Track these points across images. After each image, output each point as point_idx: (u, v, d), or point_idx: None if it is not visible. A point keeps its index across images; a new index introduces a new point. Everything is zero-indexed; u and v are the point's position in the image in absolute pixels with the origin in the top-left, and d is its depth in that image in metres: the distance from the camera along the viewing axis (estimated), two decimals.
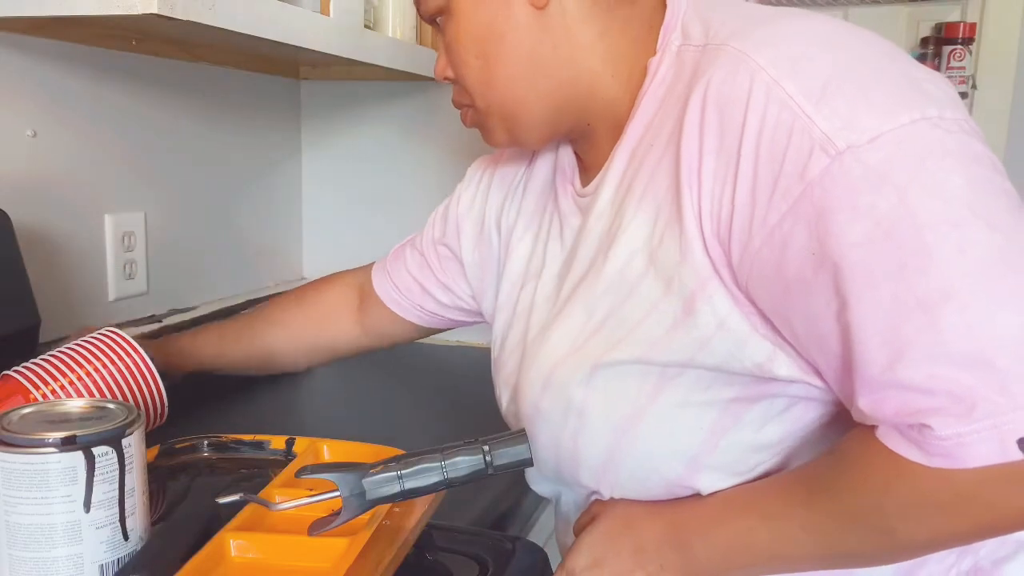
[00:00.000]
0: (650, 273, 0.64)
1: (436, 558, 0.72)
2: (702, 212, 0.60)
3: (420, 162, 1.58)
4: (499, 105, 0.71)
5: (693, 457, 0.66)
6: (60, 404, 0.64)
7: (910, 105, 0.55)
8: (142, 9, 0.83)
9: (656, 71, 0.67)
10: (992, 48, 1.44)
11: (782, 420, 0.64)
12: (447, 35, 0.71)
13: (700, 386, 0.64)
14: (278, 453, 0.84)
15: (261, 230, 1.55)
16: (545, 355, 0.71)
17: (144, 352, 0.85)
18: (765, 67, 0.56)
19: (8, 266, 0.92)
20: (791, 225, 0.55)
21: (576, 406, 0.68)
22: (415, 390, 1.35)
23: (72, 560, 0.57)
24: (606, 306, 0.67)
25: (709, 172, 0.59)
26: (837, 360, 0.57)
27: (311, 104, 1.62)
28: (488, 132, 0.75)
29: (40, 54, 1.06)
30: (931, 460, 0.53)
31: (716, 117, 0.58)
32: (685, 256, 0.61)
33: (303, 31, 1.07)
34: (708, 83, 0.59)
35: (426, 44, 1.46)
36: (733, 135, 0.57)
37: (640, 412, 0.66)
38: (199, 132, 1.36)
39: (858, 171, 0.53)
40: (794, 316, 0.58)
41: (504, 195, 0.87)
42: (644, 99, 0.67)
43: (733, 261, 0.59)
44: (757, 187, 0.56)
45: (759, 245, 0.57)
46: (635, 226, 0.65)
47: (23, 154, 1.05)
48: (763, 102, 0.56)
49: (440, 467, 0.65)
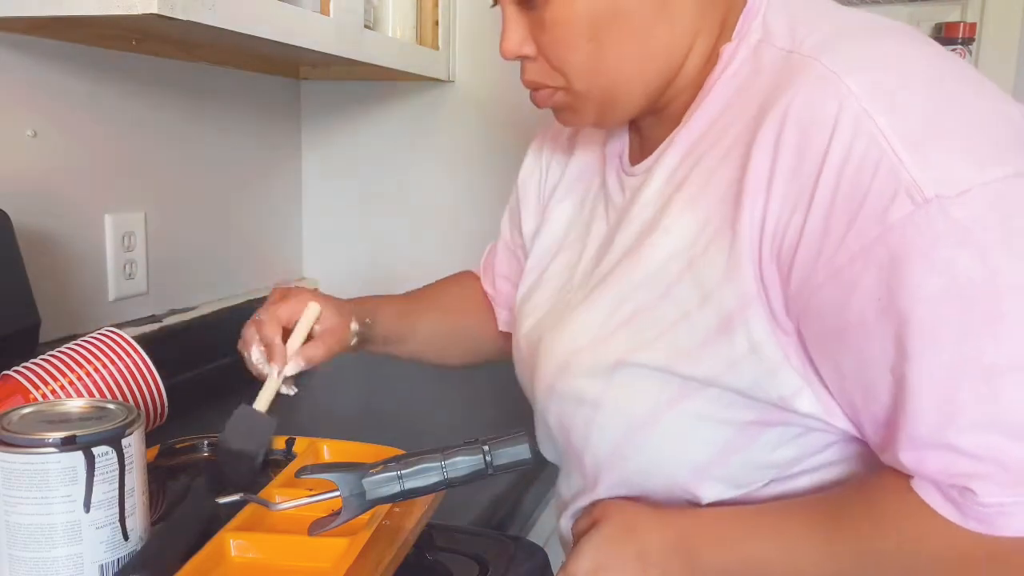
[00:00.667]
0: (686, 279, 0.62)
1: (436, 558, 0.72)
2: (764, 232, 0.57)
3: (420, 162, 1.58)
4: (602, 89, 0.66)
5: (701, 468, 0.65)
6: (60, 404, 0.64)
7: (1005, 158, 0.52)
8: (142, 9, 0.83)
9: (730, 62, 0.63)
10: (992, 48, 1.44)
11: (795, 444, 0.63)
12: (550, 12, 0.63)
13: (720, 404, 0.63)
14: (278, 453, 0.84)
15: (261, 230, 1.55)
16: (568, 338, 0.69)
17: (144, 352, 0.85)
18: (857, 95, 0.53)
19: (8, 266, 0.92)
20: (861, 267, 0.53)
21: (591, 397, 0.67)
22: (416, 390, 1.35)
23: (72, 560, 0.57)
24: (637, 302, 0.65)
25: (779, 193, 0.56)
26: (882, 410, 0.56)
27: (311, 104, 1.62)
28: (574, 113, 0.70)
29: (40, 54, 1.06)
30: (967, 522, 0.53)
31: (796, 137, 0.55)
32: (730, 273, 0.59)
33: (303, 31, 1.07)
34: (792, 99, 0.56)
35: (426, 44, 1.46)
36: (813, 160, 0.54)
37: (656, 417, 0.65)
38: (199, 132, 1.36)
39: (942, 223, 0.50)
40: (844, 357, 0.57)
41: (552, 157, 0.84)
42: (713, 90, 0.64)
43: (790, 289, 0.57)
44: (831, 220, 0.53)
45: (822, 280, 0.55)
46: (680, 226, 0.63)
47: (23, 154, 1.05)
48: (851, 132, 0.53)
49: (440, 467, 0.65)
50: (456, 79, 1.52)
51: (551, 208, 0.81)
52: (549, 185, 0.83)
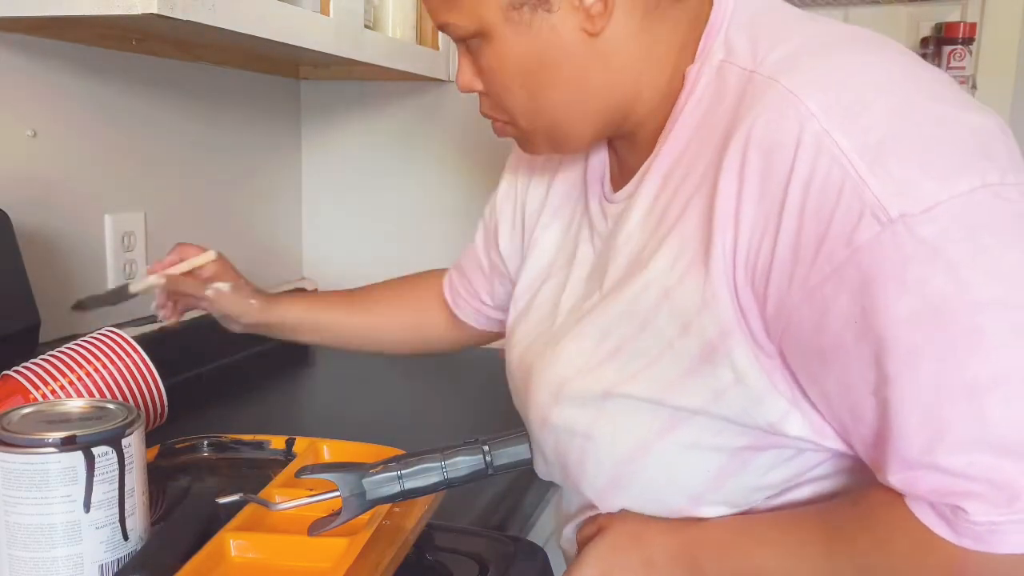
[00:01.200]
0: (664, 310, 0.62)
1: (436, 558, 0.72)
2: (736, 259, 0.57)
3: (420, 162, 1.58)
4: (546, 127, 0.67)
5: (697, 494, 0.65)
6: (60, 404, 0.64)
7: (969, 170, 0.51)
8: (142, 9, 0.83)
9: (694, 85, 0.63)
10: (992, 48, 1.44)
11: (789, 466, 0.63)
12: (483, 59, 0.65)
13: (711, 431, 0.62)
14: (278, 453, 0.84)
15: (261, 230, 1.55)
16: (557, 367, 0.69)
17: (144, 352, 0.85)
18: (816, 114, 0.53)
19: (8, 266, 0.92)
20: (833, 289, 0.52)
21: (583, 428, 0.67)
22: (416, 390, 1.35)
23: (72, 560, 0.57)
24: (620, 334, 0.65)
25: (748, 219, 0.56)
26: (870, 431, 0.56)
27: (311, 104, 1.62)
28: (529, 145, 0.71)
29: (40, 54, 1.06)
30: (960, 540, 0.52)
31: (760, 162, 0.55)
32: (707, 303, 0.58)
33: (303, 31, 1.07)
34: (753, 124, 0.55)
35: (426, 44, 1.46)
36: (778, 184, 0.54)
37: (647, 447, 0.65)
38: (199, 132, 1.36)
39: (910, 243, 0.50)
40: (828, 381, 0.56)
41: (530, 179, 0.84)
42: (682, 115, 0.64)
43: (768, 313, 0.57)
44: (800, 243, 0.53)
45: (798, 302, 0.54)
46: (658, 258, 0.62)
47: (23, 154, 1.05)
48: (813, 153, 0.52)
49: (440, 467, 0.65)
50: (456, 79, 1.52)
51: (537, 235, 0.80)
52: (531, 210, 0.82)
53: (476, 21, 0.63)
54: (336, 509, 0.64)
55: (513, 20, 0.62)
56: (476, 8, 0.62)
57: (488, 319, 0.96)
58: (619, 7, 0.62)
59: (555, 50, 0.63)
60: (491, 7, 0.62)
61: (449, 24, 0.65)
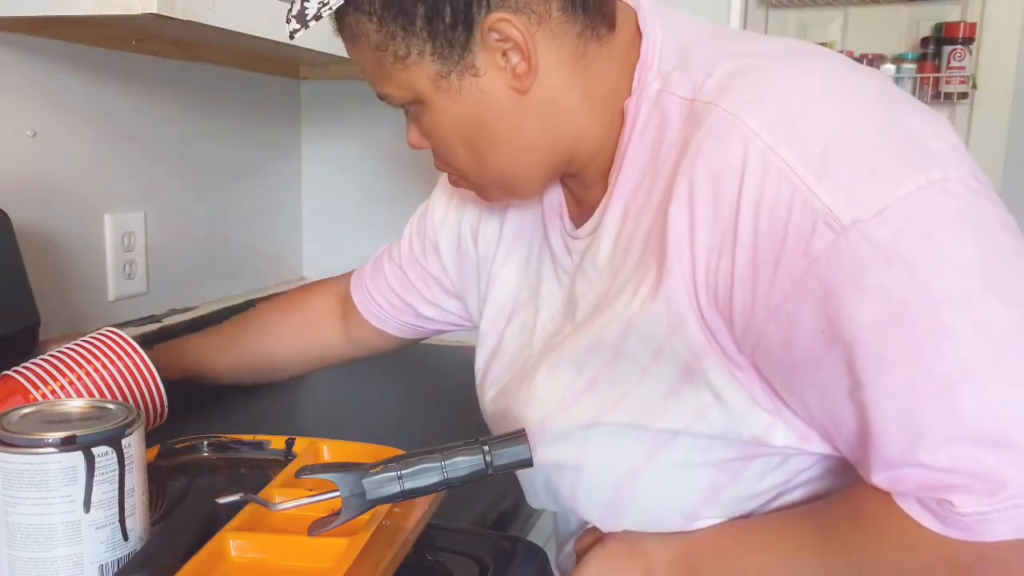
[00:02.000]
0: (631, 339, 0.62)
1: (436, 558, 0.72)
2: (696, 284, 0.58)
3: (420, 162, 1.57)
4: (495, 180, 0.69)
5: (693, 511, 0.66)
6: (60, 404, 0.64)
7: (914, 169, 0.52)
8: (142, 9, 0.83)
9: (635, 117, 0.64)
10: (992, 48, 1.44)
11: (779, 471, 0.64)
12: (423, 123, 0.67)
13: (697, 449, 0.63)
14: (278, 453, 0.84)
15: (261, 230, 1.55)
16: (535, 407, 0.70)
17: (144, 352, 0.85)
18: (759, 132, 0.54)
19: (8, 266, 0.92)
20: (796, 303, 0.53)
21: (572, 462, 0.68)
22: (415, 390, 1.35)
23: (72, 560, 0.57)
24: (595, 365, 0.66)
25: (703, 244, 0.56)
26: (852, 434, 0.56)
27: (311, 104, 1.62)
28: (485, 195, 0.73)
29: (40, 54, 1.06)
30: (948, 531, 0.53)
31: (709, 188, 0.55)
32: (675, 328, 0.59)
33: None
34: (699, 150, 0.56)
35: None
36: (729, 206, 0.54)
37: (637, 472, 0.65)
38: (199, 132, 1.36)
39: (866, 249, 0.51)
40: (805, 389, 0.57)
41: (479, 209, 0.84)
42: (628, 148, 0.64)
43: (736, 332, 0.57)
44: (758, 261, 0.54)
45: (764, 319, 0.55)
46: (624, 294, 0.63)
47: (23, 154, 1.05)
48: (760, 172, 0.53)
49: (440, 467, 0.65)
50: None
51: (495, 272, 0.80)
52: (485, 244, 0.82)
53: (409, 92, 0.64)
54: (336, 509, 0.64)
55: (443, 88, 0.63)
56: (407, 80, 0.64)
57: (417, 328, 0.97)
58: (544, 63, 0.62)
59: (488, 111, 0.64)
60: (421, 78, 0.63)
61: (386, 95, 0.67)
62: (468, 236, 0.85)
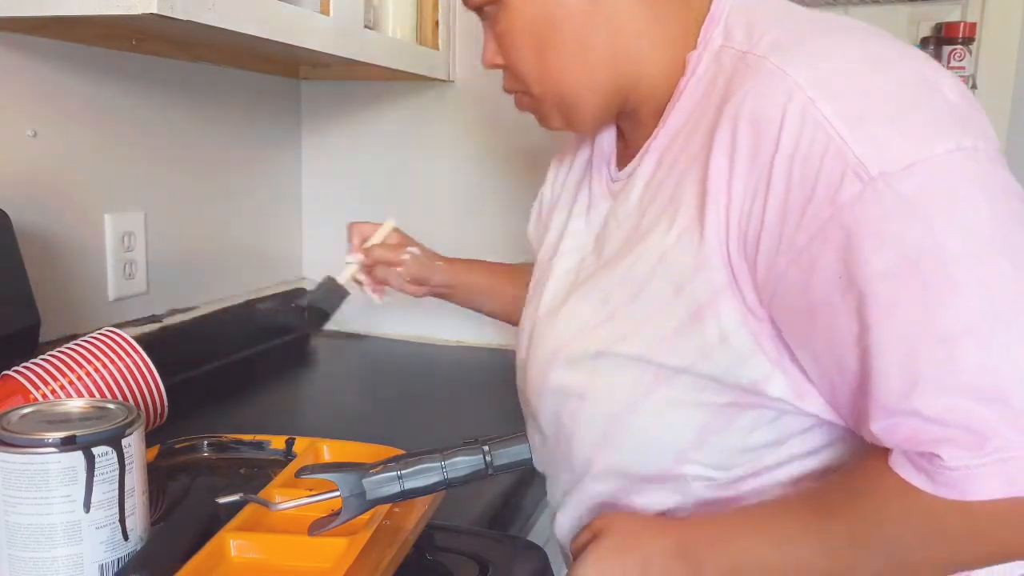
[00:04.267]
0: (658, 274, 0.65)
1: (436, 558, 0.72)
2: (729, 225, 0.60)
3: (420, 162, 1.58)
4: (554, 93, 0.72)
5: (682, 452, 0.67)
6: (60, 404, 0.64)
7: (946, 134, 0.55)
8: (142, 9, 0.83)
9: (696, 68, 0.67)
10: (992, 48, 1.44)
11: (771, 428, 0.65)
12: (499, 25, 0.71)
13: (694, 389, 0.65)
14: (278, 453, 0.85)
15: (261, 230, 1.55)
16: (556, 334, 0.73)
17: (144, 352, 0.85)
18: (803, 86, 0.56)
19: (8, 266, 0.92)
20: (819, 248, 0.55)
21: (577, 389, 0.70)
22: (415, 390, 1.35)
23: (72, 560, 0.57)
24: (617, 299, 0.68)
25: (739, 187, 0.59)
26: (854, 380, 0.57)
27: (311, 104, 1.62)
28: (543, 117, 0.76)
29: (40, 54, 1.06)
30: (937, 489, 0.54)
31: (750, 133, 0.58)
32: (700, 267, 0.62)
33: (303, 31, 1.07)
34: (744, 98, 0.59)
35: (426, 44, 1.46)
36: (766, 152, 0.57)
37: (634, 404, 0.67)
38: (199, 132, 1.36)
39: (889, 199, 0.53)
40: (816, 337, 0.58)
41: (556, 171, 0.90)
42: (683, 96, 0.68)
43: (758, 278, 0.60)
44: (788, 207, 0.56)
45: (785, 265, 0.57)
46: (656, 227, 0.66)
47: (23, 154, 1.05)
48: (799, 122, 0.56)
49: (440, 467, 0.65)
50: (456, 79, 1.52)
51: (551, 219, 0.85)
52: (553, 196, 0.88)
53: None
54: (336, 509, 0.64)
55: None
56: None
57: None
58: None
59: (560, 13, 0.68)
60: None
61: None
62: (542, 202, 0.92)
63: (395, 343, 1.60)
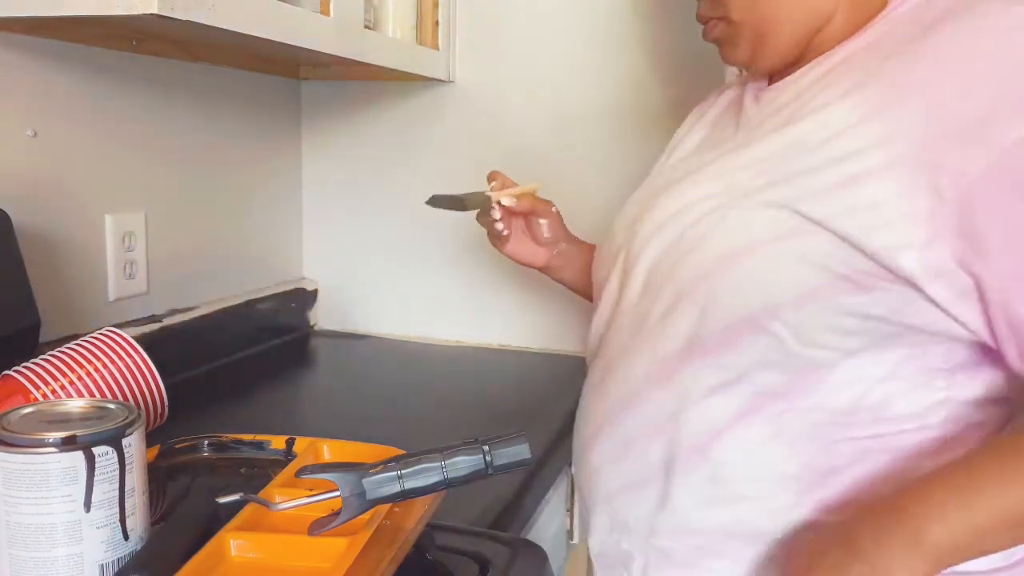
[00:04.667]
0: (836, 142, 0.67)
1: (436, 558, 0.72)
2: (930, 120, 0.63)
3: (420, 162, 1.58)
4: (754, 21, 0.76)
5: (775, 305, 0.68)
6: (60, 404, 0.64)
7: None
8: (142, 9, 0.83)
9: (897, 7, 0.72)
10: None
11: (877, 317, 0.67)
12: None
13: (823, 251, 0.66)
14: (278, 453, 0.85)
15: (261, 230, 1.55)
16: (689, 186, 0.76)
17: (144, 352, 0.85)
18: (1020, 26, 0.63)
19: (8, 266, 0.92)
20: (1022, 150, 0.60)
21: (702, 230, 0.72)
22: (415, 390, 1.35)
23: (72, 560, 0.57)
24: (778, 156, 0.70)
25: (952, 90, 0.63)
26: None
27: (311, 104, 1.62)
28: (732, 47, 0.80)
29: (40, 54, 1.06)
30: None
31: (969, 50, 0.63)
32: (878, 144, 0.65)
33: (303, 31, 1.07)
34: (963, 22, 0.65)
35: (426, 44, 1.46)
36: (980, 66, 0.63)
37: (755, 248, 0.69)
38: (199, 132, 1.36)
39: None
40: (994, 226, 0.62)
41: (698, 115, 0.93)
42: (869, 27, 0.73)
43: (947, 166, 0.62)
44: (998, 108, 0.61)
45: (983, 156, 0.61)
46: (834, 110, 0.69)
47: (23, 154, 1.05)
48: (1016, 48, 0.62)
49: (440, 467, 0.65)
50: (456, 79, 1.52)
51: (678, 145, 0.90)
52: (683, 132, 0.92)
53: None
54: (336, 509, 0.64)
55: None
56: None
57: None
58: None
59: None
60: None
61: None
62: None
63: (395, 343, 1.60)
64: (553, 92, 1.46)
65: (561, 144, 1.45)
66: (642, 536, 0.78)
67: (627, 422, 0.78)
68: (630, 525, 0.79)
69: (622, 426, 0.78)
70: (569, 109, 1.45)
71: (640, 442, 0.77)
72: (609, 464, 0.80)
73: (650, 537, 0.77)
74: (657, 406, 0.75)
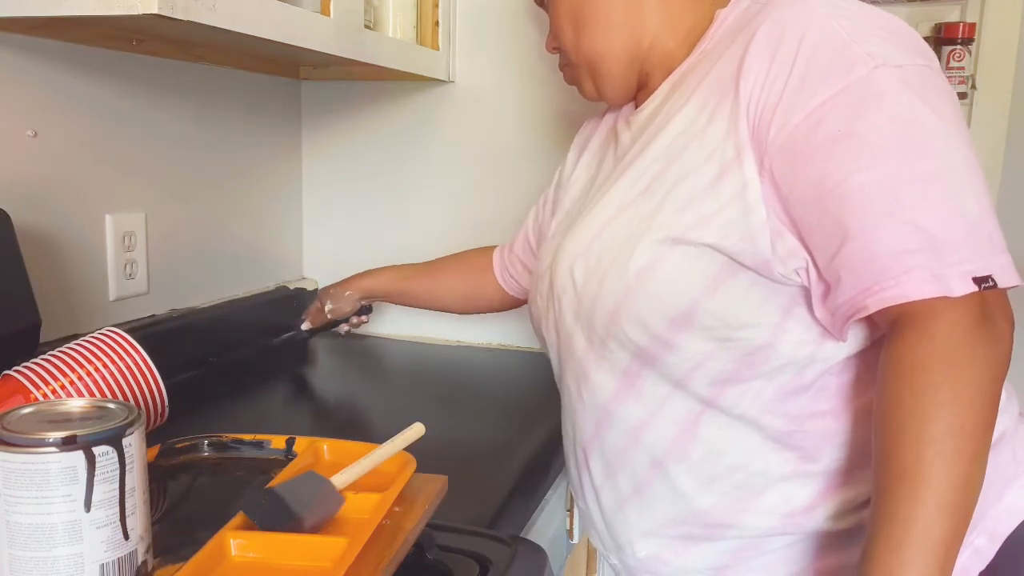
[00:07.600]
0: (693, 145, 0.77)
1: (436, 558, 0.72)
2: (752, 97, 0.73)
3: (420, 162, 1.58)
4: (584, 59, 0.90)
5: (694, 299, 0.76)
6: (60, 404, 0.64)
7: (920, 55, 0.73)
8: (142, 9, 0.83)
9: (724, 20, 0.83)
10: (992, 48, 1.44)
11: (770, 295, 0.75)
12: (552, 11, 0.92)
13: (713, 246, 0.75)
14: (278, 453, 0.85)
15: (261, 230, 1.55)
16: (594, 216, 0.84)
17: (144, 352, 0.85)
18: (823, 13, 0.73)
19: (8, 266, 0.92)
20: (828, 108, 0.70)
21: (613, 255, 0.80)
22: (415, 390, 1.35)
23: (72, 559, 0.57)
24: (652, 172, 0.80)
25: (768, 69, 0.73)
26: (835, 229, 0.69)
27: (311, 104, 1.62)
28: (580, 85, 0.94)
29: (40, 54, 1.06)
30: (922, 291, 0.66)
31: (783, 33, 0.73)
32: (730, 131, 0.74)
33: (303, 31, 1.07)
34: (779, 13, 0.74)
35: (426, 44, 1.46)
36: (792, 44, 0.72)
37: (661, 258, 0.77)
38: (200, 132, 1.36)
39: (887, 80, 0.70)
40: (805, 181, 0.71)
41: (579, 144, 1.05)
42: (702, 42, 0.84)
43: (769, 138, 0.72)
44: (807, 78, 0.71)
45: (797, 121, 0.71)
46: (684, 113, 0.79)
47: (23, 154, 1.05)
48: (821, 27, 0.72)
49: None
50: (456, 79, 1.52)
51: (571, 178, 1.00)
52: (567, 172, 1.03)
53: None
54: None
55: None
56: None
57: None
58: None
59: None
60: None
61: None
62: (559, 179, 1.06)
63: (395, 343, 1.61)
64: (553, 92, 1.46)
65: (561, 144, 1.45)
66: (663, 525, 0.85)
67: (607, 440, 0.85)
68: (645, 527, 0.86)
69: (604, 444, 0.86)
70: (569, 109, 1.45)
71: (626, 453, 0.84)
72: (605, 481, 0.87)
73: (668, 527, 0.85)
74: (627, 420, 0.83)
